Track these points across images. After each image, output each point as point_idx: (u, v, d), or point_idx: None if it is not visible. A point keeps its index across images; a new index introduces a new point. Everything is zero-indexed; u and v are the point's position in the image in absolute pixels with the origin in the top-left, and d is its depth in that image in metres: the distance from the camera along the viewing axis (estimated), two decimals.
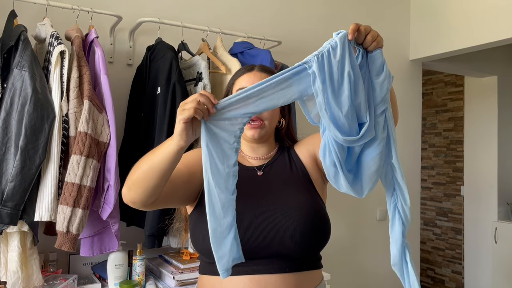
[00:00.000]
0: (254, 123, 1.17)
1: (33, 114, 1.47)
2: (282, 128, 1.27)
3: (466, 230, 4.20)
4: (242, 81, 1.21)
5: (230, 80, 1.27)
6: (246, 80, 1.20)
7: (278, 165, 1.23)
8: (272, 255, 1.09)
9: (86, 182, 1.53)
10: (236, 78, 1.24)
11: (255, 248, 1.07)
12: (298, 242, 1.08)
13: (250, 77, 1.20)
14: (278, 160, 1.24)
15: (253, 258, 1.07)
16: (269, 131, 1.22)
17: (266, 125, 1.19)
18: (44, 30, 1.70)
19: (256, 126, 1.17)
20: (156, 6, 2.15)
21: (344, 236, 2.83)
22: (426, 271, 4.74)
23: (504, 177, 3.94)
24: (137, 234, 1.94)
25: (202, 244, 1.11)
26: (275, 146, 1.27)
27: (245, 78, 1.21)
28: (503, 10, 2.59)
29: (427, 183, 4.75)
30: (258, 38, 2.24)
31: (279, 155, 1.25)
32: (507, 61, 3.96)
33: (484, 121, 4.02)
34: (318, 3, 2.71)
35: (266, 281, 1.08)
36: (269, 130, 1.22)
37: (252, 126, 1.18)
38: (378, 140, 0.96)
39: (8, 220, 1.44)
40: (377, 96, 0.95)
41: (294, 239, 1.08)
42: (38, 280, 1.56)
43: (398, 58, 3.10)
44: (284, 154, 1.25)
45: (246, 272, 1.08)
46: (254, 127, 1.18)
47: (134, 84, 1.99)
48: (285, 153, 1.26)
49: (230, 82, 1.26)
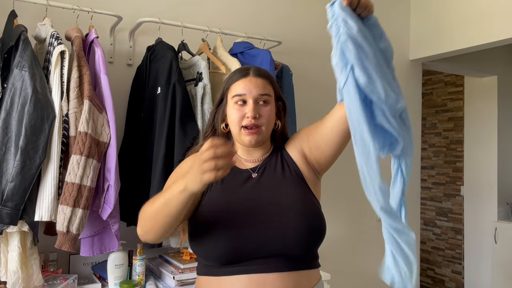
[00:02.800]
0: (251, 130, 1.16)
1: (33, 114, 1.47)
2: (277, 130, 1.27)
3: (466, 230, 4.20)
4: (237, 87, 1.19)
5: (225, 83, 1.24)
6: (241, 86, 1.18)
7: (272, 166, 1.23)
8: (269, 254, 1.09)
9: (86, 182, 1.54)
10: (231, 83, 1.21)
11: (253, 248, 1.08)
12: (295, 241, 1.09)
13: (246, 83, 1.18)
14: (272, 161, 1.24)
15: (251, 258, 1.09)
16: (266, 135, 1.22)
17: (263, 130, 1.19)
18: (44, 30, 1.70)
19: (253, 132, 1.17)
20: (156, 6, 2.15)
21: (344, 236, 2.83)
22: (426, 271, 4.74)
23: (504, 177, 3.94)
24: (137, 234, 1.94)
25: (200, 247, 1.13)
26: (270, 148, 1.27)
27: (241, 84, 1.18)
28: (503, 10, 2.59)
29: (427, 183, 4.75)
30: (258, 38, 2.24)
31: (273, 156, 1.25)
32: (507, 61, 3.96)
33: (484, 121, 4.02)
34: (318, 3, 2.71)
35: (265, 281, 1.09)
36: (266, 134, 1.22)
37: (249, 132, 1.17)
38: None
39: (8, 220, 1.44)
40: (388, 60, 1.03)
41: (290, 238, 1.09)
42: (38, 280, 1.56)
43: (398, 58, 3.08)
44: (277, 155, 1.25)
45: (244, 272, 1.09)
46: (251, 133, 1.17)
47: (134, 84, 1.99)
48: (278, 153, 1.26)
49: (225, 86, 1.23)
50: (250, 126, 1.16)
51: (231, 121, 1.19)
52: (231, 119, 1.19)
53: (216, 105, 1.26)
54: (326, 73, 2.76)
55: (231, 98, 1.19)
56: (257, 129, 1.17)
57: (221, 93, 1.25)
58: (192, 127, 1.74)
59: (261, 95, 1.17)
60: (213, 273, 1.13)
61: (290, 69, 2.22)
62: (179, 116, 1.71)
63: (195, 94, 1.83)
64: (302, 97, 2.38)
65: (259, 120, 1.16)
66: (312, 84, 2.64)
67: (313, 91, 2.63)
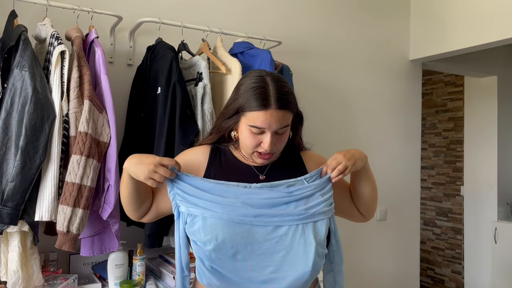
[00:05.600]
0: (265, 155, 1.15)
1: (34, 114, 1.47)
2: (289, 139, 1.24)
3: (466, 230, 4.20)
4: (256, 119, 1.09)
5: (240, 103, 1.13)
6: (261, 120, 1.09)
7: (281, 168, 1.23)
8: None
9: (86, 182, 1.54)
10: (248, 110, 1.10)
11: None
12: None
13: (267, 117, 1.09)
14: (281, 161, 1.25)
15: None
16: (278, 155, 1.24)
17: (277, 154, 1.21)
18: (44, 30, 1.70)
19: (266, 157, 1.16)
20: (156, 6, 2.15)
21: (344, 236, 2.82)
22: (426, 271, 4.74)
23: (504, 177, 3.94)
24: (137, 234, 1.94)
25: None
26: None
27: (261, 117, 1.09)
28: (503, 10, 2.59)
29: (427, 183, 4.75)
30: (258, 38, 2.24)
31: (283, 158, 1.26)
32: (507, 61, 3.96)
33: (484, 121, 4.02)
34: (318, 3, 2.71)
35: None
36: (279, 154, 1.23)
37: (262, 157, 1.16)
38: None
39: (8, 220, 1.44)
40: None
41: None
42: (38, 280, 1.56)
43: (398, 58, 3.10)
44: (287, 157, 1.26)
45: None
46: (265, 158, 1.16)
47: (134, 84, 1.99)
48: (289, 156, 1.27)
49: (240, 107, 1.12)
50: (264, 153, 1.15)
51: (244, 143, 1.16)
52: (245, 142, 1.15)
53: (225, 116, 1.19)
54: (326, 73, 2.78)
55: (247, 125, 1.12)
56: (271, 155, 1.16)
57: (233, 109, 1.15)
58: (192, 127, 1.74)
59: (281, 128, 1.12)
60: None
61: (290, 69, 2.22)
62: (179, 116, 1.71)
63: (195, 94, 1.83)
64: (302, 97, 2.36)
65: (274, 148, 1.14)
66: (312, 84, 2.64)
67: (313, 91, 2.64)
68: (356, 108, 2.88)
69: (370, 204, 1.32)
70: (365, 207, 1.33)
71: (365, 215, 1.36)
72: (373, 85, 2.94)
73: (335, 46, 2.75)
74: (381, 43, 2.99)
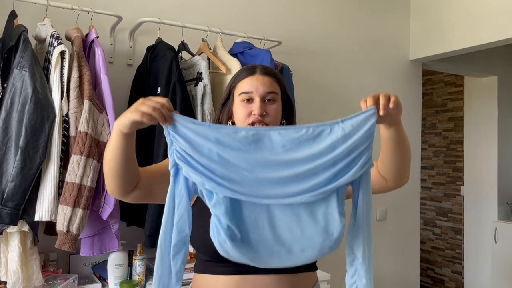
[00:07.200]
0: (256, 125, 1.16)
1: (34, 114, 1.47)
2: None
3: (466, 230, 4.20)
4: (244, 85, 1.19)
5: (231, 82, 1.24)
6: (248, 84, 1.18)
7: None
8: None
9: (86, 182, 1.54)
10: (238, 81, 1.21)
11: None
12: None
13: (253, 81, 1.18)
14: None
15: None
16: None
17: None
18: (44, 30, 1.70)
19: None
20: (156, 6, 2.15)
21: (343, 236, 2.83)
22: (426, 271, 4.74)
23: (504, 177, 3.94)
24: (137, 234, 1.94)
25: (199, 241, 1.12)
26: None
27: (248, 82, 1.19)
28: (503, 10, 2.59)
29: (427, 183, 4.75)
30: (258, 38, 2.25)
31: None
32: (507, 61, 3.96)
33: (484, 121, 4.02)
34: (318, 3, 2.71)
35: (261, 282, 1.09)
36: None
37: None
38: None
39: (8, 220, 1.44)
40: None
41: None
42: (38, 280, 1.56)
43: (398, 58, 3.10)
44: None
45: (240, 272, 1.09)
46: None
47: (134, 84, 1.99)
48: None
49: (232, 85, 1.24)
50: (256, 122, 1.15)
51: (238, 118, 1.19)
52: (238, 116, 1.19)
53: (222, 103, 1.26)
54: (326, 73, 2.78)
55: (238, 95, 1.19)
56: (263, 126, 1.16)
57: (227, 91, 1.24)
58: None
59: (268, 93, 1.17)
60: (210, 271, 1.12)
61: (290, 69, 2.22)
62: None
63: (195, 94, 1.83)
64: (302, 97, 2.39)
65: (265, 118, 1.16)
66: (312, 84, 2.64)
67: (313, 91, 2.64)
68: (356, 108, 2.84)
69: (405, 167, 1.18)
70: (399, 171, 1.19)
71: (398, 181, 1.22)
72: (373, 85, 2.94)
73: (335, 46, 2.75)
74: (381, 43, 2.99)
